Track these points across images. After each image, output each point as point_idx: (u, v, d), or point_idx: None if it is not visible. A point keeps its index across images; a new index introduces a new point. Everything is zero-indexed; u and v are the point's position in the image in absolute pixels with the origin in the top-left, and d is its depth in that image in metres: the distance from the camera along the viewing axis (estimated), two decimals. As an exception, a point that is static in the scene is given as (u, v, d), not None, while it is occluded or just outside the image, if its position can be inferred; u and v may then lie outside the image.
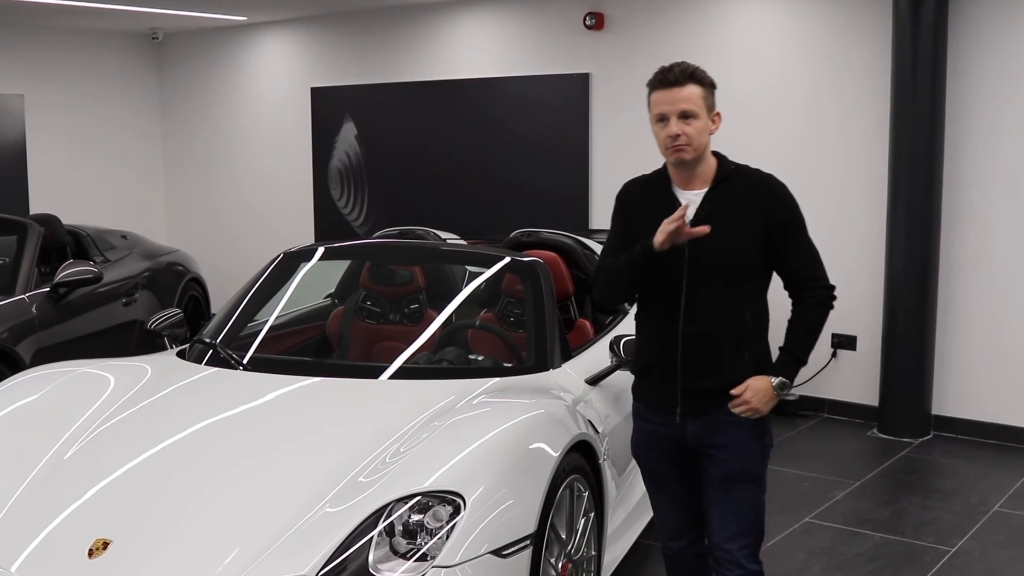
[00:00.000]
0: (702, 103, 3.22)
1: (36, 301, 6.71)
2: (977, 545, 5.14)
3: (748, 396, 3.23)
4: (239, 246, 10.81)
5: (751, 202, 3.26)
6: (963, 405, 6.98)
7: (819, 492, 5.88)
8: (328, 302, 5.47)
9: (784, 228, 3.28)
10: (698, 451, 3.36)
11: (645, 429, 3.47)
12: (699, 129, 3.21)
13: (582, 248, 5.70)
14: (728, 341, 3.27)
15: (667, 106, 3.22)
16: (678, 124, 3.19)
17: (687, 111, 3.20)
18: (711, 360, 3.28)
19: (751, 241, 3.25)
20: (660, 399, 3.36)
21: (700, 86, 3.23)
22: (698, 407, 3.31)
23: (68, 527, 3.35)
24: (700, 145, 3.23)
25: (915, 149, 6.74)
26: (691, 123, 3.20)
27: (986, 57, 6.69)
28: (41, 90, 10.49)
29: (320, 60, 10.13)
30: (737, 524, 3.34)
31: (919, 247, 6.82)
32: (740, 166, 3.35)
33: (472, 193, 9.10)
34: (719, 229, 3.19)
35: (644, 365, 3.43)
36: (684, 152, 3.21)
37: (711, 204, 3.25)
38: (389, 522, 3.20)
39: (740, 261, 3.24)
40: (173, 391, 4.18)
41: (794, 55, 7.42)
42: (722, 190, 3.27)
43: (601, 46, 8.28)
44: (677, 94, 3.21)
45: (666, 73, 3.25)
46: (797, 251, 3.31)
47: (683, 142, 3.20)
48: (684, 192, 3.30)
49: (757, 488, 3.37)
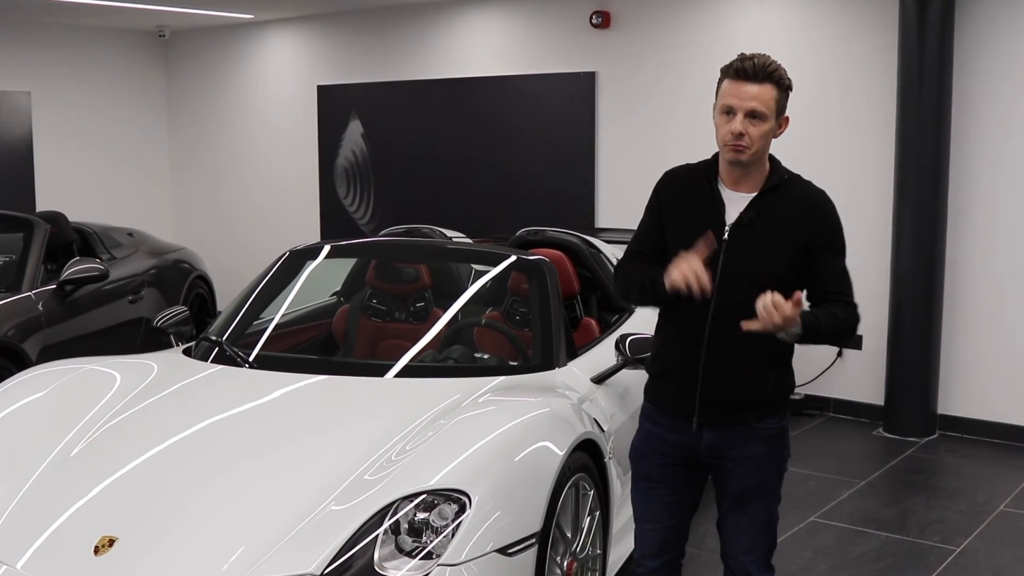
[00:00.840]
0: (774, 105, 3.03)
1: (42, 298, 6.72)
2: (983, 544, 5.14)
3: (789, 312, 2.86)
4: (245, 244, 10.82)
5: (797, 218, 3.10)
6: (969, 405, 6.97)
7: (825, 491, 5.87)
8: (334, 300, 5.48)
9: (824, 251, 3.11)
10: (712, 464, 3.21)
11: (652, 432, 3.27)
12: (764, 132, 3.03)
13: (588, 247, 5.70)
14: (754, 354, 3.09)
15: (737, 100, 3.00)
16: (744, 123, 3.00)
17: (756, 111, 3.00)
18: (734, 372, 3.11)
19: (788, 256, 3.08)
20: (676, 405, 3.19)
21: (777, 87, 3.03)
22: (716, 418, 3.14)
23: (74, 524, 3.36)
24: (761, 148, 3.06)
25: (921, 148, 6.74)
26: (758, 124, 3.01)
27: (992, 56, 6.68)
28: (48, 87, 10.51)
29: (326, 58, 10.13)
30: (750, 537, 3.24)
31: (925, 246, 6.81)
32: (794, 176, 3.20)
33: (478, 191, 9.10)
34: (759, 238, 3.06)
35: (663, 368, 3.25)
36: (742, 154, 3.03)
37: (756, 211, 3.09)
38: (395, 520, 3.20)
39: (774, 276, 3.04)
40: (179, 389, 4.19)
41: (801, 54, 7.41)
42: (770, 198, 3.10)
43: (607, 44, 8.27)
44: (750, 90, 3.00)
45: (744, 63, 3.01)
46: (832, 272, 3.14)
47: (745, 143, 3.01)
48: (730, 192, 3.12)
49: (772, 502, 3.26)
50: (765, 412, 3.18)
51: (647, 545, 3.34)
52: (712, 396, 3.13)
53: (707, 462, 3.22)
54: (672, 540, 3.33)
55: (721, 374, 3.11)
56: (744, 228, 3.08)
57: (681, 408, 3.18)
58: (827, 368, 7.43)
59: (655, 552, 3.33)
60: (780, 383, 3.19)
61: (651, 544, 3.33)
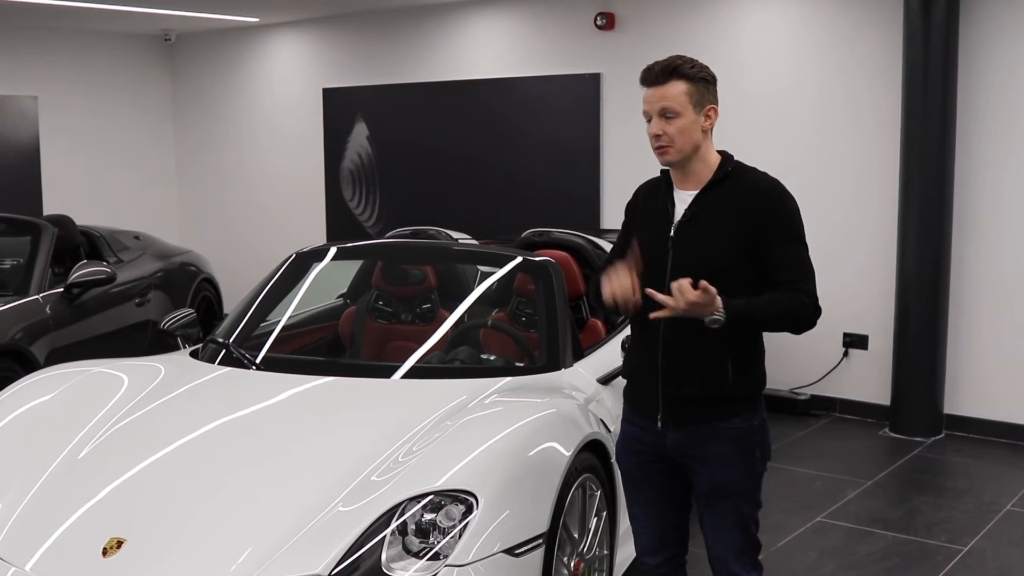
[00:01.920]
0: (686, 100, 3.05)
1: (50, 301, 6.74)
2: (990, 544, 5.13)
3: (696, 298, 2.88)
4: (251, 246, 10.84)
5: (741, 208, 3.08)
6: (975, 404, 6.96)
7: (831, 491, 5.87)
8: (340, 302, 5.49)
9: (771, 236, 3.06)
10: (680, 462, 3.21)
11: (628, 432, 3.32)
12: (682, 128, 3.06)
13: (594, 248, 5.71)
14: (709, 348, 3.08)
15: (648, 104, 3.09)
16: (658, 123, 3.07)
17: (667, 109, 3.06)
18: (691, 366, 3.12)
19: (732, 247, 3.06)
20: (643, 403, 3.23)
21: (686, 81, 3.06)
22: (680, 415, 3.15)
23: (82, 526, 3.37)
24: (685, 144, 3.07)
25: (926, 148, 6.73)
26: (673, 122, 3.06)
27: (997, 56, 6.68)
28: (55, 92, 10.53)
29: (332, 61, 10.15)
30: (727, 538, 3.21)
31: (931, 246, 6.80)
32: (742, 168, 3.17)
33: (484, 193, 9.11)
34: (702, 233, 3.09)
35: (630, 368, 3.34)
36: (666, 153, 3.09)
37: (698, 206, 3.11)
38: (402, 521, 3.21)
39: (720, 267, 3.04)
40: (186, 391, 4.20)
41: (805, 54, 7.42)
42: (715, 192, 3.12)
43: (612, 46, 8.28)
44: (657, 92, 3.07)
45: (648, 71, 3.10)
46: (784, 260, 3.07)
47: (664, 142, 3.07)
48: (681, 192, 3.16)
49: (746, 504, 3.20)
50: (729, 411, 3.15)
51: (645, 543, 3.37)
52: (672, 392, 3.14)
53: (676, 461, 3.22)
54: (667, 537, 3.33)
55: (678, 369, 3.13)
56: (687, 224, 3.12)
57: (647, 407, 3.22)
58: (833, 368, 7.43)
59: (652, 549, 3.35)
60: (741, 377, 3.14)
61: (647, 541, 3.36)
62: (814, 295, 3.10)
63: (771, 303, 3.04)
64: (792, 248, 3.09)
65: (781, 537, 5.16)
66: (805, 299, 3.07)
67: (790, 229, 3.10)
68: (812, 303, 3.09)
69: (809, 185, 6.88)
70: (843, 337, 7.38)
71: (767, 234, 3.07)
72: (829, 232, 7.17)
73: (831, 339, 7.39)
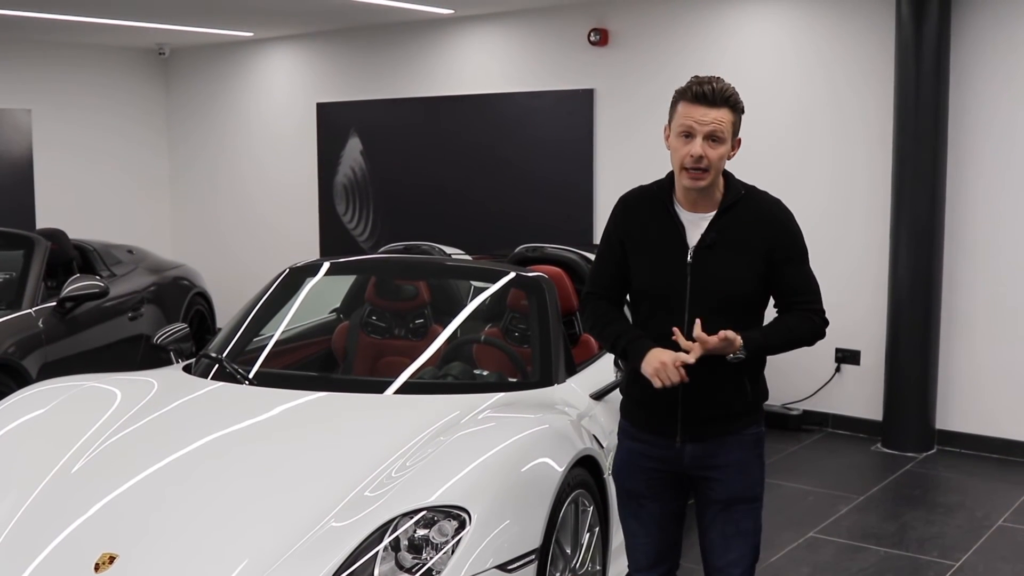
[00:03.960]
0: (730, 129, 3.05)
1: (43, 315, 6.73)
2: (982, 560, 5.14)
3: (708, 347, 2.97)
4: (245, 261, 10.84)
5: (758, 233, 3.10)
6: (967, 419, 6.98)
7: (823, 507, 5.88)
8: (333, 317, 5.49)
9: (786, 261, 3.13)
10: (696, 475, 3.21)
11: (633, 449, 3.27)
12: (721, 155, 3.05)
13: (587, 263, 5.72)
14: (729, 371, 3.09)
15: (699, 124, 3.01)
16: (703, 145, 3.01)
17: (716, 133, 3.01)
18: (714, 390, 3.12)
19: (753, 272, 3.10)
20: (658, 424, 3.19)
21: (733, 111, 3.05)
22: (699, 432, 3.16)
23: (74, 541, 3.36)
24: (718, 171, 3.07)
25: (918, 163, 6.76)
26: (716, 147, 3.02)
27: (989, 71, 6.71)
28: (48, 105, 10.54)
29: (326, 76, 10.17)
30: (739, 548, 3.22)
31: (922, 261, 6.83)
32: (750, 190, 3.19)
33: (477, 208, 9.13)
34: (723, 258, 3.08)
35: (641, 392, 3.19)
36: (701, 179, 3.04)
37: (716, 231, 3.10)
38: (395, 537, 3.22)
39: (743, 292, 3.10)
40: (179, 405, 4.19)
41: (798, 70, 7.45)
42: (730, 216, 3.11)
43: (605, 62, 8.31)
44: (711, 114, 3.01)
45: (703, 86, 3.02)
46: (796, 279, 3.16)
47: (703, 165, 3.02)
48: (688, 213, 3.13)
49: (757, 509, 3.25)
50: (746, 422, 3.21)
51: (641, 559, 3.35)
52: (694, 415, 3.15)
53: (691, 474, 3.22)
54: (665, 552, 3.33)
55: (701, 394, 3.12)
56: (707, 249, 3.10)
57: (665, 428, 3.19)
58: (825, 384, 7.45)
59: (650, 564, 3.34)
60: (756, 391, 3.22)
61: (645, 557, 3.34)
62: (823, 311, 3.21)
63: (786, 330, 3.15)
64: (803, 270, 3.19)
65: (773, 553, 5.16)
66: (815, 318, 3.18)
67: (799, 251, 3.19)
68: (822, 319, 3.20)
69: (800, 200, 6.85)
70: (835, 353, 7.39)
71: (781, 257, 3.13)
72: (821, 246, 7.14)
73: (823, 355, 7.40)
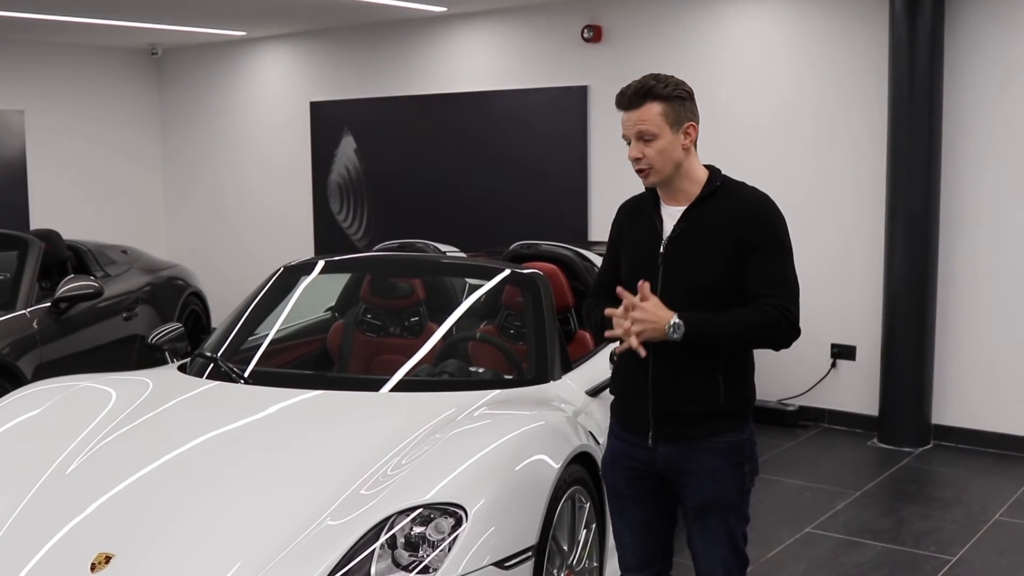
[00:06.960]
0: (662, 121, 3.04)
1: (37, 316, 6.72)
2: (978, 554, 5.14)
3: (638, 315, 2.95)
4: (239, 260, 10.83)
5: (729, 222, 3.06)
6: (963, 414, 6.98)
7: (820, 502, 5.88)
8: (328, 315, 5.48)
9: (755, 252, 3.03)
10: (670, 477, 3.18)
11: (616, 447, 3.29)
12: (660, 149, 3.04)
13: (582, 260, 5.72)
14: (700, 364, 3.07)
15: (625, 128, 3.09)
16: (637, 147, 3.06)
17: (644, 132, 3.05)
18: (682, 383, 3.09)
19: (722, 261, 3.04)
20: (633, 420, 3.20)
21: (661, 102, 3.04)
22: (672, 432, 3.12)
23: (70, 541, 3.36)
24: (665, 165, 3.06)
25: (913, 159, 6.77)
26: (651, 144, 3.04)
27: (983, 67, 6.71)
28: (41, 106, 10.52)
29: (319, 74, 10.16)
30: (717, 555, 3.18)
31: (918, 257, 6.83)
32: (730, 183, 3.16)
33: (471, 206, 9.12)
34: (690, 247, 3.07)
35: (618, 385, 3.29)
36: (647, 176, 3.09)
37: (687, 222, 3.09)
38: (391, 534, 3.21)
39: (711, 282, 3.05)
40: (174, 405, 4.19)
41: (791, 66, 7.45)
42: (702, 208, 3.10)
43: (599, 59, 8.31)
44: (632, 116, 3.06)
45: (621, 95, 3.10)
46: (764, 271, 3.03)
47: (643, 165, 3.07)
48: (669, 208, 3.14)
49: (735, 518, 3.17)
50: (720, 428, 3.13)
51: (630, 559, 3.34)
52: (664, 409, 3.12)
53: (666, 476, 3.20)
54: (652, 552, 3.31)
55: (669, 386, 3.11)
56: (676, 239, 3.10)
57: (638, 424, 3.19)
58: (821, 379, 7.45)
59: (638, 564, 3.32)
60: (733, 394, 3.12)
61: (632, 556, 3.33)
62: (791, 312, 3.02)
63: (735, 319, 3.00)
64: (774, 263, 3.05)
65: (770, 548, 5.16)
66: (774, 314, 3.00)
67: (773, 243, 3.06)
68: (787, 320, 3.01)
69: (794, 197, 6.91)
70: (831, 348, 7.40)
71: (751, 248, 3.03)
72: (816, 244, 7.19)
73: (819, 350, 7.41)
